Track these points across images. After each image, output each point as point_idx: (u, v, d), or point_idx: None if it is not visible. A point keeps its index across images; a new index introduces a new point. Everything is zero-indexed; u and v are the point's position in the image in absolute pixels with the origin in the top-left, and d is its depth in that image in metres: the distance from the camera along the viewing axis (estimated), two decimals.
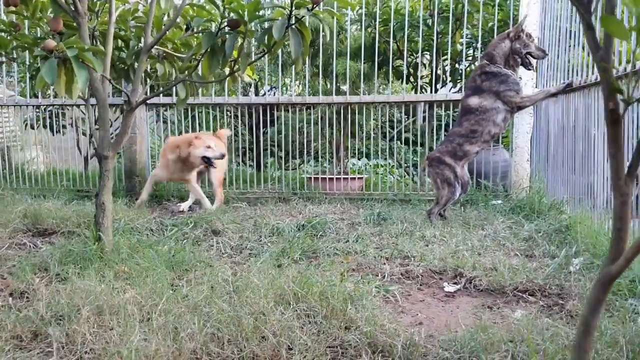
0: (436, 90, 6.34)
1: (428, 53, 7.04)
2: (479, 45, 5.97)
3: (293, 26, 2.99)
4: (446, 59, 6.98)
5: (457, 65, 7.09)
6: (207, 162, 5.09)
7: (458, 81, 6.87)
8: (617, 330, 2.02)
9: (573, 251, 3.28)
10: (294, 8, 2.93)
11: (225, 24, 3.14)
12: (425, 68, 7.40)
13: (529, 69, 4.64)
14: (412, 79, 7.30)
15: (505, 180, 5.86)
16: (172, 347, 2.01)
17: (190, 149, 5.02)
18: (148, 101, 5.99)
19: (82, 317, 2.23)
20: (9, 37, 3.32)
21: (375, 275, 3.09)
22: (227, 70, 3.58)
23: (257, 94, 7.44)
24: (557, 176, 4.80)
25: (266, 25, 3.12)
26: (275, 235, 4.01)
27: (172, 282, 2.81)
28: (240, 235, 4.03)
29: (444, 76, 7.18)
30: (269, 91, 7.39)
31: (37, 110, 6.82)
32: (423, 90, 7.25)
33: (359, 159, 7.34)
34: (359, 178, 6.26)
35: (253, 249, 3.65)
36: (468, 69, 6.84)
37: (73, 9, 3.13)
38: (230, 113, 7.21)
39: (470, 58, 7.02)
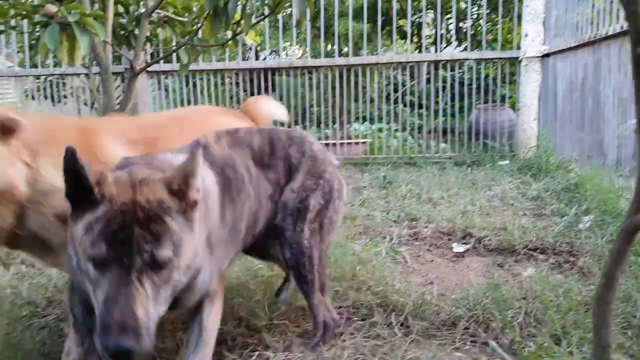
0: (441, 50, 6.23)
1: (432, 12, 6.91)
2: (483, 2, 5.84)
3: None
4: (450, 18, 6.85)
5: (461, 24, 6.97)
6: None
7: (463, 40, 6.77)
8: (631, 286, 2.01)
9: (582, 209, 3.26)
10: None
11: None
12: (429, 27, 7.26)
13: None
14: (415, 38, 7.19)
15: (512, 140, 5.81)
16: None
17: None
18: (148, 68, 5.93)
19: None
20: (6, 6, 3.24)
21: (383, 237, 3.08)
22: (229, 33, 3.50)
23: (257, 58, 7.34)
24: (565, 134, 4.75)
25: None
26: None
27: None
28: None
29: (448, 35, 7.06)
30: (269, 55, 7.28)
31: (37, 80, 6.75)
32: (427, 50, 7.14)
33: (362, 123, 7.27)
34: (362, 142, 6.21)
35: None
36: (473, 27, 6.72)
37: None
38: (232, 79, 7.12)
39: (474, 16, 6.90)
